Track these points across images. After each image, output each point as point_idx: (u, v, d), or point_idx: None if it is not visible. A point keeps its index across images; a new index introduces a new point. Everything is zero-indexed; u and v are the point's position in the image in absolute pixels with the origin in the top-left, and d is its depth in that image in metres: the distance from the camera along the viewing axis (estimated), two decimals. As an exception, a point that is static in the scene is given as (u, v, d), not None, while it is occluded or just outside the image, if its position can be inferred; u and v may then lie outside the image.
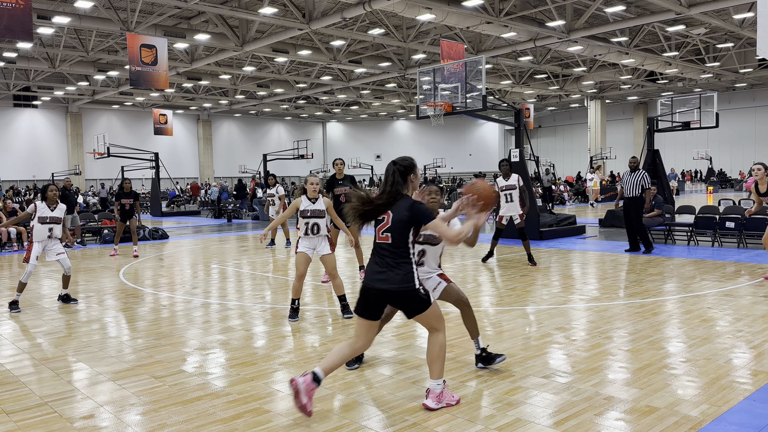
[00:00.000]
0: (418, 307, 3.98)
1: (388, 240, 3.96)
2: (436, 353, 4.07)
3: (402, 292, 3.92)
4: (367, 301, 4.01)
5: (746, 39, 29.49)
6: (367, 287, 4.00)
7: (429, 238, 4.76)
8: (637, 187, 11.35)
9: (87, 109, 44.40)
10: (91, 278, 10.36)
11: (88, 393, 4.64)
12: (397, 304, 4.02)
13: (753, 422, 3.79)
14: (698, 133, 43.26)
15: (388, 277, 3.93)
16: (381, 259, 4.00)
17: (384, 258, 3.99)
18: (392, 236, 3.95)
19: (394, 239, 3.95)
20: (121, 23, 21.13)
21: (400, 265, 3.94)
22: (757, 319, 6.37)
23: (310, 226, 6.84)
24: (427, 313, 4.02)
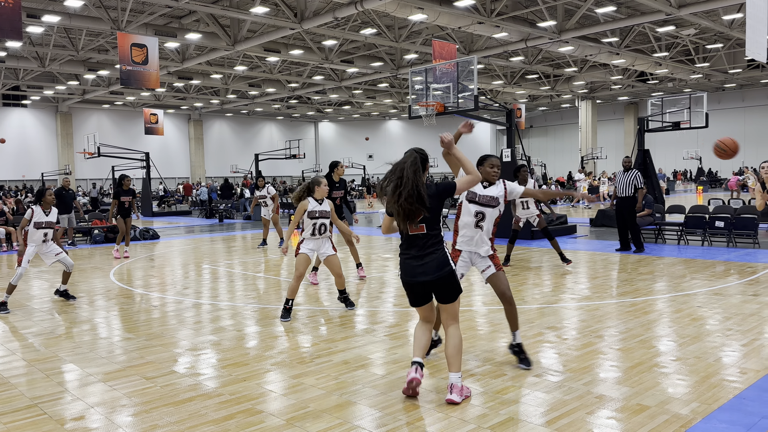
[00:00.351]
0: (454, 292, 4.23)
1: (423, 230, 4.19)
2: (458, 346, 4.25)
3: (440, 278, 4.16)
4: (414, 294, 4.30)
5: (735, 40, 29.70)
6: (410, 283, 4.25)
7: (485, 199, 4.96)
8: (629, 186, 11.44)
9: (77, 109, 44.13)
10: (82, 279, 10.30)
11: (78, 394, 4.62)
12: (438, 291, 4.23)
13: (742, 420, 3.82)
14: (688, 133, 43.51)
15: (425, 269, 4.17)
16: (417, 251, 4.21)
17: (420, 248, 4.21)
18: (426, 226, 4.18)
19: (429, 227, 4.19)
20: (111, 22, 21.01)
21: (435, 251, 4.18)
22: (747, 317, 6.42)
23: (318, 227, 7.02)
24: (457, 302, 4.30)
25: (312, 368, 5.08)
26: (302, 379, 4.80)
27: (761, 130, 45.77)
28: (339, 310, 7.32)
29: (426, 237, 4.19)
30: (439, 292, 4.23)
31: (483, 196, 4.98)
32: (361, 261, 9.64)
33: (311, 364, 5.19)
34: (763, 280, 8.50)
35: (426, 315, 4.39)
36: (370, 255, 12.46)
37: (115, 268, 11.47)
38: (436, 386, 4.55)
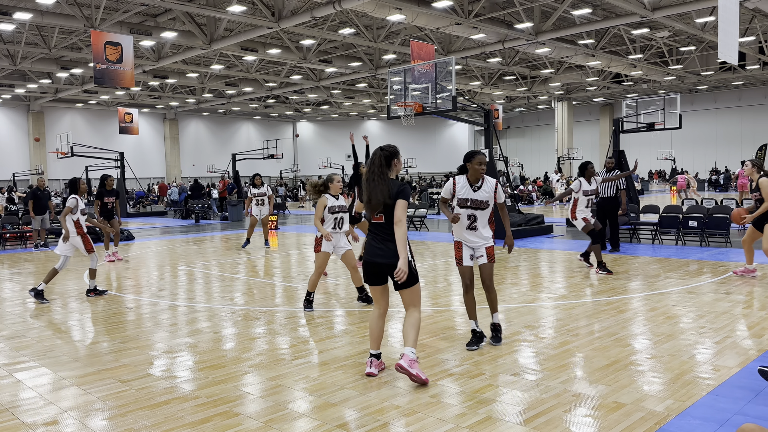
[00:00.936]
0: (408, 280, 4.58)
1: (382, 220, 4.63)
2: (415, 324, 4.66)
3: (395, 265, 4.52)
4: (370, 274, 4.71)
5: (708, 42, 30.26)
6: (368, 262, 4.68)
7: (475, 203, 5.46)
8: (612, 187, 11.65)
9: (50, 108, 43.34)
10: (55, 280, 10.11)
11: (51, 398, 4.53)
12: (392, 275, 4.56)
13: (715, 416, 3.89)
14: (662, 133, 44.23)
15: (384, 252, 4.60)
16: (378, 236, 4.67)
17: (380, 235, 4.66)
18: (385, 217, 4.61)
19: (387, 219, 4.61)
20: (85, 20, 20.67)
21: (394, 240, 4.56)
22: (719, 315, 6.53)
23: (338, 221, 7.38)
24: (414, 288, 4.67)
25: (290, 370, 5.05)
26: (280, 381, 4.77)
27: (732, 131, 46.72)
28: (318, 311, 7.29)
29: (386, 226, 4.62)
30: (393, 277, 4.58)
31: (473, 200, 5.43)
32: (338, 260, 9.62)
33: (290, 366, 5.15)
34: (735, 279, 8.67)
35: (378, 299, 4.79)
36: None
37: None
38: (414, 386, 4.55)
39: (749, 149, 44.50)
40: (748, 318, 6.41)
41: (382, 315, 4.82)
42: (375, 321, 4.80)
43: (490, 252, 5.50)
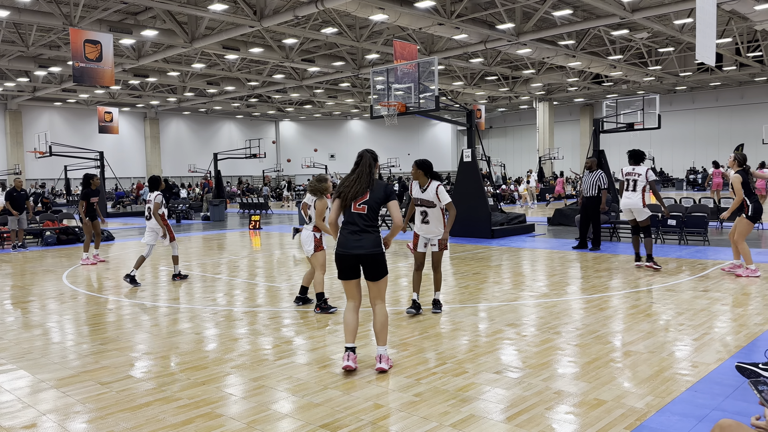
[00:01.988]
0: (382, 271, 4.89)
1: (365, 211, 4.88)
2: (384, 322, 4.94)
3: (374, 254, 4.83)
4: (345, 267, 4.88)
5: (686, 44, 30.67)
6: (345, 255, 4.85)
7: (424, 202, 6.62)
8: (594, 187, 11.83)
9: (27, 107, 42.66)
10: (33, 282, 9.97)
11: (29, 401, 4.46)
12: (368, 266, 4.86)
13: (694, 412, 3.95)
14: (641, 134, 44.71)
15: (362, 243, 4.82)
16: (356, 227, 4.86)
17: (358, 225, 4.87)
18: (368, 208, 4.88)
19: (370, 211, 4.89)
20: (63, 18, 20.38)
21: (372, 232, 4.88)
22: (698, 312, 6.63)
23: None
24: (385, 280, 4.95)
25: (273, 370, 5.03)
26: (263, 382, 4.75)
27: (710, 131, 47.40)
28: (300, 311, 7.27)
29: (366, 217, 4.88)
30: (369, 268, 4.86)
31: (422, 200, 6.64)
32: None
33: (273, 366, 5.13)
34: (713, 276, 8.81)
35: (353, 293, 4.95)
36: (332, 255, 12.41)
37: (69, 271, 11.14)
38: (398, 385, 4.56)
39: (726, 149, 45.18)
40: (726, 315, 6.51)
41: (357, 308, 4.98)
42: (351, 315, 4.94)
43: (441, 242, 6.68)
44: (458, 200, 15.14)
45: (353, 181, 4.93)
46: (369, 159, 5.01)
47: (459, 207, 15.00)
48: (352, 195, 4.89)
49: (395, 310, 7.16)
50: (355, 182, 4.92)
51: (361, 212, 4.89)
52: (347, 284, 4.93)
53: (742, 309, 6.76)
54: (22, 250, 14.82)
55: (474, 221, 14.75)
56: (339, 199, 4.95)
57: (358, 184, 4.91)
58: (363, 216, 4.89)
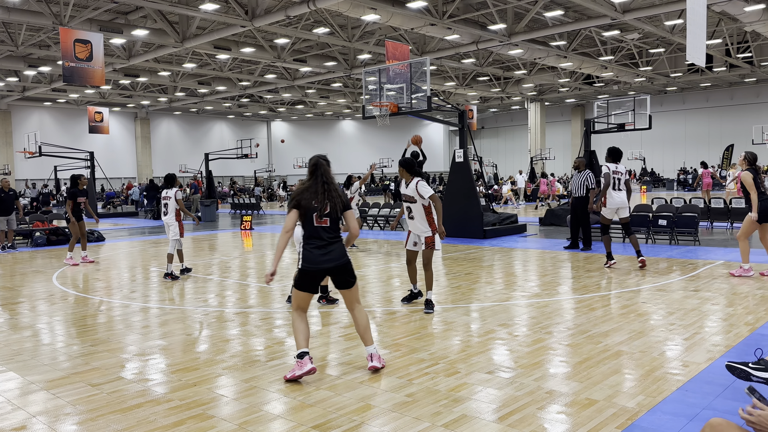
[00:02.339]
0: (352, 277, 4.87)
1: (327, 224, 4.77)
2: (366, 323, 4.94)
3: (344, 264, 4.80)
4: (314, 281, 4.80)
5: (676, 45, 30.86)
6: (314, 270, 4.74)
7: (407, 198, 6.84)
8: (582, 187, 11.88)
9: (17, 106, 42.35)
10: (23, 283, 9.89)
11: (19, 403, 4.43)
12: (338, 276, 4.83)
13: (685, 411, 3.97)
14: (632, 134, 44.94)
15: (331, 257, 4.75)
16: (321, 241, 4.75)
17: (323, 239, 4.76)
18: (330, 220, 4.78)
19: (333, 222, 4.80)
20: (53, 17, 20.25)
21: (338, 241, 4.83)
22: (688, 312, 6.67)
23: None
24: (357, 286, 4.94)
25: (265, 371, 5.01)
26: (255, 383, 4.74)
27: (700, 132, 47.72)
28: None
29: (330, 229, 4.79)
30: (340, 278, 4.83)
31: (405, 195, 6.88)
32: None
33: (265, 367, 5.12)
34: (704, 276, 8.86)
35: (306, 303, 4.90)
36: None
37: (59, 272, 11.06)
38: (390, 386, 4.56)
39: (716, 149, 45.51)
40: (716, 314, 6.55)
41: (306, 316, 4.93)
42: (304, 323, 4.84)
43: (428, 241, 6.84)
44: (450, 200, 15.17)
45: (313, 193, 4.74)
46: (325, 167, 4.84)
47: (451, 207, 15.07)
48: (313, 208, 4.72)
49: (388, 311, 7.16)
50: (316, 194, 4.73)
51: (324, 225, 4.76)
52: (305, 296, 4.83)
53: (733, 309, 6.81)
54: (11, 250, 14.71)
55: (466, 221, 14.77)
56: (296, 210, 4.76)
57: (317, 195, 4.73)
58: (327, 229, 4.77)
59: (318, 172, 4.80)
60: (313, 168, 4.82)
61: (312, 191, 4.75)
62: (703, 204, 15.76)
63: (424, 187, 6.71)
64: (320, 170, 4.81)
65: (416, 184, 6.76)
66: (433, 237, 6.82)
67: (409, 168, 6.93)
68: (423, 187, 6.72)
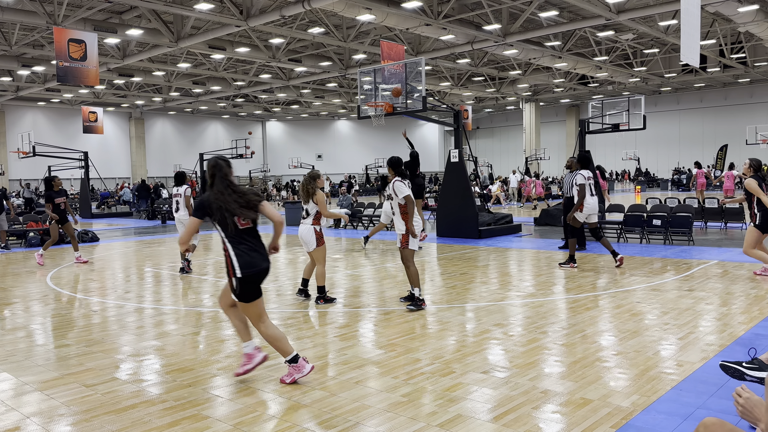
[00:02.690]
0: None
1: (250, 225, 4.58)
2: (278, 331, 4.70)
3: (269, 265, 4.64)
4: (257, 285, 4.56)
5: (671, 45, 30.97)
6: (257, 272, 4.50)
7: (389, 196, 7.09)
8: (574, 186, 11.74)
9: (10, 106, 42.17)
10: (17, 283, 9.85)
11: (13, 404, 4.41)
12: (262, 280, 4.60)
13: (679, 410, 3.98)
14: (627, 134, 45.10)
15: (265, 256, 4.61)
16: (251, 242, 4.56)
17: (251, 241, 4.57)
18: (252, 221, 4.59)
19: (253, 223, 4.61)
20: (47, 16, 20.16)
21: (261, 241, 4.66)
22: (682, 312, 6.69)
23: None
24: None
25: (260, 371, 5.00)
26: (250, 383, 4.73)
27: (694, 132, 47.91)
28: (288, 311, 7.25)
29: (253, 230, 4.61)
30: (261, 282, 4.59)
31: (389, 193, 7.07)
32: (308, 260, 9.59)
33: (259, 368, 5.11)
34: (698, 276, 8.89)
35: (263, 311, 4.66)
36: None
37: (53, 272, 11.01)
38: (385, 386, 4.56)
39: (710, 150, 45.69)
40: (710, 314, 6.58)
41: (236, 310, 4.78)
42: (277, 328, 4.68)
43: (402, 240, 7.05)
44: (446, 200, 15.18)
45: (225, 199, 4.43)
46: (226, 168, 4.56)
47: (447, 207, 15.09)
48: (231, 212, 4.42)
49: (383, 311, 7.16)
50: (228, 199, 4.43)
51: (248, 226, 4.54)
52: (258, 303, 4.59)
53: (727, 308, 6.84)
54: (4, 251, 14.63)
55: (461, 221, 14.78)
56: (201, 220, 4.49)
57: (230, 197, 4.44)
58: (250, 230, 4.57)
59: (218, 175, 4.52)
60: (213, 170, 4.54)
61: (222, 197, 4.44)
62: (697, 204, 15.82)
63: (400, 187, 6.95)
64: (220, 172, 4.52)
65: (393, 183, 7.01)
66: (407, 236, 6.98)
67: (395, 167, 7.19)
68: (399, 186, 6.95)
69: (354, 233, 17.12)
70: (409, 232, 6.95)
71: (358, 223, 18.75)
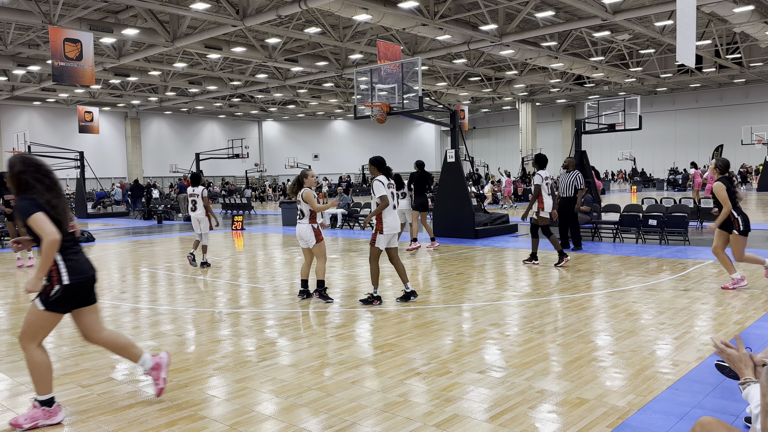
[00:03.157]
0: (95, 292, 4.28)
1: (75, 228, 4.14)
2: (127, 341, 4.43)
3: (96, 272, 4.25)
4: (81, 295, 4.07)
5: (666, 45, 31.05)
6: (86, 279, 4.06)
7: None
8: (570, 187, 11.91)
9: (5, 106, 42.05)
10: (10, 283, 9.82)
11: (8, 405, 4.40)
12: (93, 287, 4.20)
13: (675, 410, 3.99)
14: (623, 134, 45.19)
15: (91, 263, 4.20)
16: (78, 247, 4.14)
17: (78, 245, 4.17)
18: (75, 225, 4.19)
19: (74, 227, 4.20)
20: (42, 16, 20.11)
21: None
22: (678, 311, 6.71)
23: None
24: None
25: (257, 372, 5.00)
26: (246, 383, 4.72)
27: (690, 132, 48.06)
28: (284, 311, 7.24)
29: (74, 235, 4.15)
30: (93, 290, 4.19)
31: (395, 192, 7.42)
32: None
33: (256, 368, 5.11)
34: (693, 276, 8.92)
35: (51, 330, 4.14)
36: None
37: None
38: (381, 386, 4.56)
39: (706, 150, 45.84)
40: (706, 314, 6.60)
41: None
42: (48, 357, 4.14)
43: (372, 237, 7.34)
44: (442, 201, 15.19)
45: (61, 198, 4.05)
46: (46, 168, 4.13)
47: (443, 207, 15.09)
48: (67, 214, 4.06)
49: (379, 310, 7.16)
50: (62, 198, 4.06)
51: (74, 230, 4.14)
52: (57, 320, 4.06)
53: (722, 308, 6.86)
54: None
55: (458, 222, 14.80)
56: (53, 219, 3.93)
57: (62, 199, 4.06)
58: (74, 234, 4.16)
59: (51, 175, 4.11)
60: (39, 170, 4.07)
61: (59, 195, 4.04)
62: (693, 204, 15.87)
63: (377, 187, 7.31)
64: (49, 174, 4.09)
65: (373, 181, 7.40)
66: (375, 234, 7.27)
67: (379, 166, 7.56)
68: (376, 187, 7.31)
69: (350, 233, 17.11)
70: (377, 230, 7.23)
71: (354, 222, 18.75)
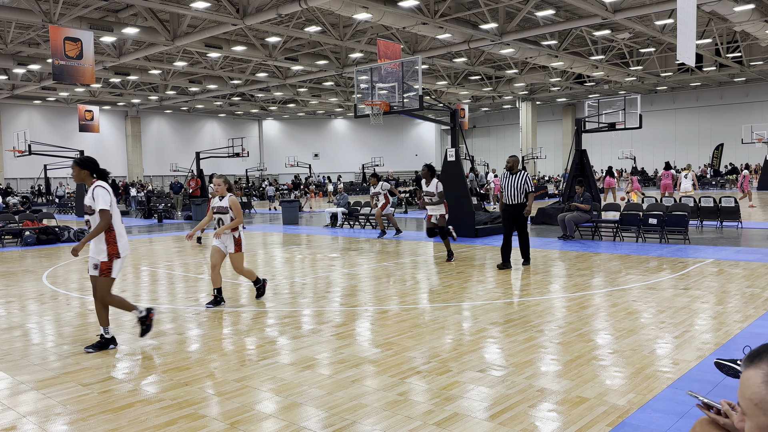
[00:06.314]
0: None
1: None
2: None
3: None
4: None
5: (667, 44, 31.03)
6: None
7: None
8: (520, 191, 9.80)
9: (6, 105, 42.05)
10: (12, 282, 9.82)
11: (9, 403, 4.40)
12: None
13: (675, 409, 4.00)
14: (623, 133, 45.17)
15: None
16: None
17: None
18: None
19: None
20: (43, 15, 20.11)
21: None
22: (678, 310, 6.71)
23: (216, 221, 7.73)
24: None
25: (257, 370, 5.00)
26: (246, 382, 4.73)
27: (690, 131, 48.03)
28: (284, 311, 7.24)
29: None
30: None
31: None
32: (305, 259, 9.60)
33: (256, 367, 5.11)
34: (693, 275, 8.92)
35: None
36: (316, 254, 12.39)
37: (48, 271, 10.99)
38: (382, 385, 4.56)
39: (706, 148, 45.82)
40: (706, 312, 6.60)
41: None
42: None
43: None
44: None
45: None
46: None
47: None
48: None
49: (379, 310, 7.17)
50: None
51: None
52: None
53: (722, 307, 6.86)
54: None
55: (458, 220, 14.79)
56: None
57: None
58: None
59: None
60: None
61: None
62: (692, 203, 15.87)
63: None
64: None
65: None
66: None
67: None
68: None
69: (350, 232, 17.12)
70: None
71: (354, 222, 18.76)
